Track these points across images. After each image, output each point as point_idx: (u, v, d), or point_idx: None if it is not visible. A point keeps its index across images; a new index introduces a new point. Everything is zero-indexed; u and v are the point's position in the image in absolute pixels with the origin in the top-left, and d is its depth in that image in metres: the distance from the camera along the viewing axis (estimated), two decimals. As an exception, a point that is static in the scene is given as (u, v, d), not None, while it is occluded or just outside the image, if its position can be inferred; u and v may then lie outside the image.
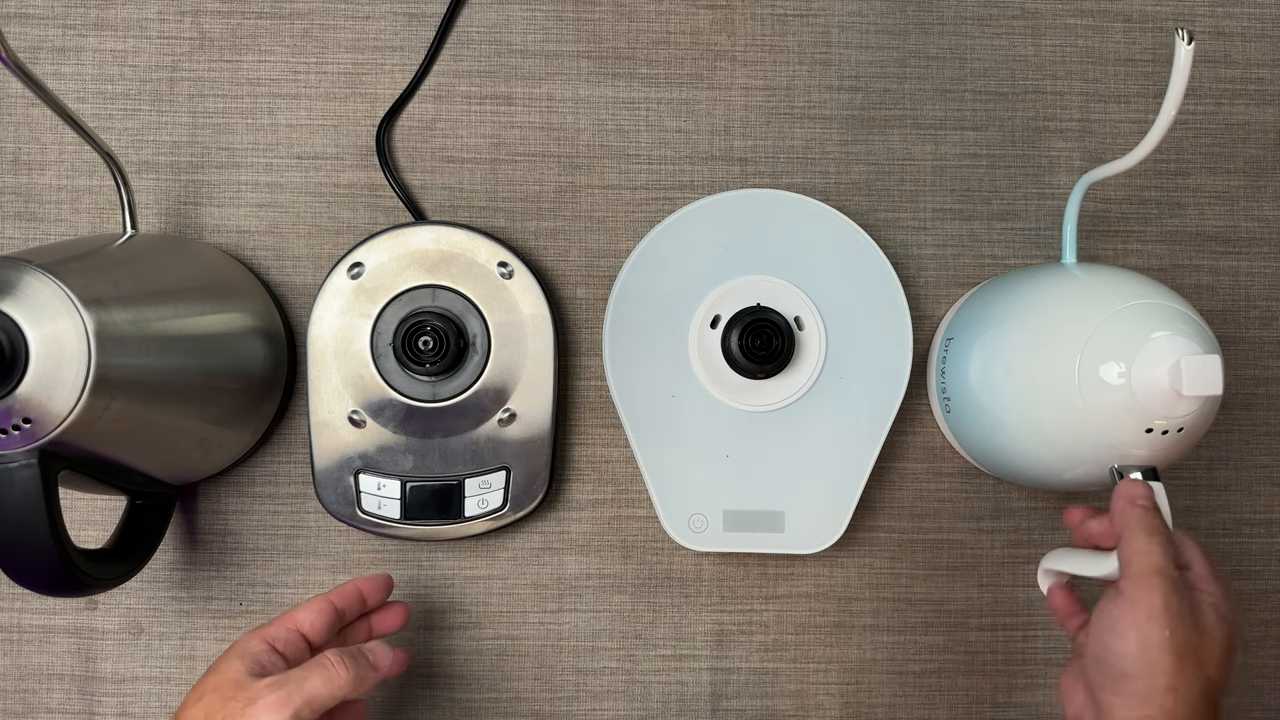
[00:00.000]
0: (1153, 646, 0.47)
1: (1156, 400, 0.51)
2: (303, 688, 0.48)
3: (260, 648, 0.52)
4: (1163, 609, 0.47)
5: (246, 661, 0.50)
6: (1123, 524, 0.51)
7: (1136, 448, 0.53)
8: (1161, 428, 0.52)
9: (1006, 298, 0.61)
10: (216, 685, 0.49)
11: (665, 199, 0.68)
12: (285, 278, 0.68)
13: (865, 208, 0.68)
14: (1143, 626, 0.48)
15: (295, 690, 0.48)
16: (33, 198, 0.67)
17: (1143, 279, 0.57)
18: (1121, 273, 0.58)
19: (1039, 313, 0.58)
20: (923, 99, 0.69)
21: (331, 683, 0.49)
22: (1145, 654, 0.48)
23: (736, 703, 0.67)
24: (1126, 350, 0.52)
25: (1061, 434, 0.56)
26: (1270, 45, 0.70)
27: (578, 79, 0.68)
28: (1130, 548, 0.50)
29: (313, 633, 0.54)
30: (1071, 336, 0.54)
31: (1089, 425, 0.54)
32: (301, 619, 0.54)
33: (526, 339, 0.64)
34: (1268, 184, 0.70)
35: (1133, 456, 0.54)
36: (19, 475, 0.49)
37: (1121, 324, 0.53)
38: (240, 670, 0.50)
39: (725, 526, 0.63)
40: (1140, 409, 0.52)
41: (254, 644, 0.52)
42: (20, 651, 0.66)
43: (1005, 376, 0.59)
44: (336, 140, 0.68)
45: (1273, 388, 0.69)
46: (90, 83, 0.67)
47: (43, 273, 0.49)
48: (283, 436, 0.67)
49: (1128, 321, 0.53)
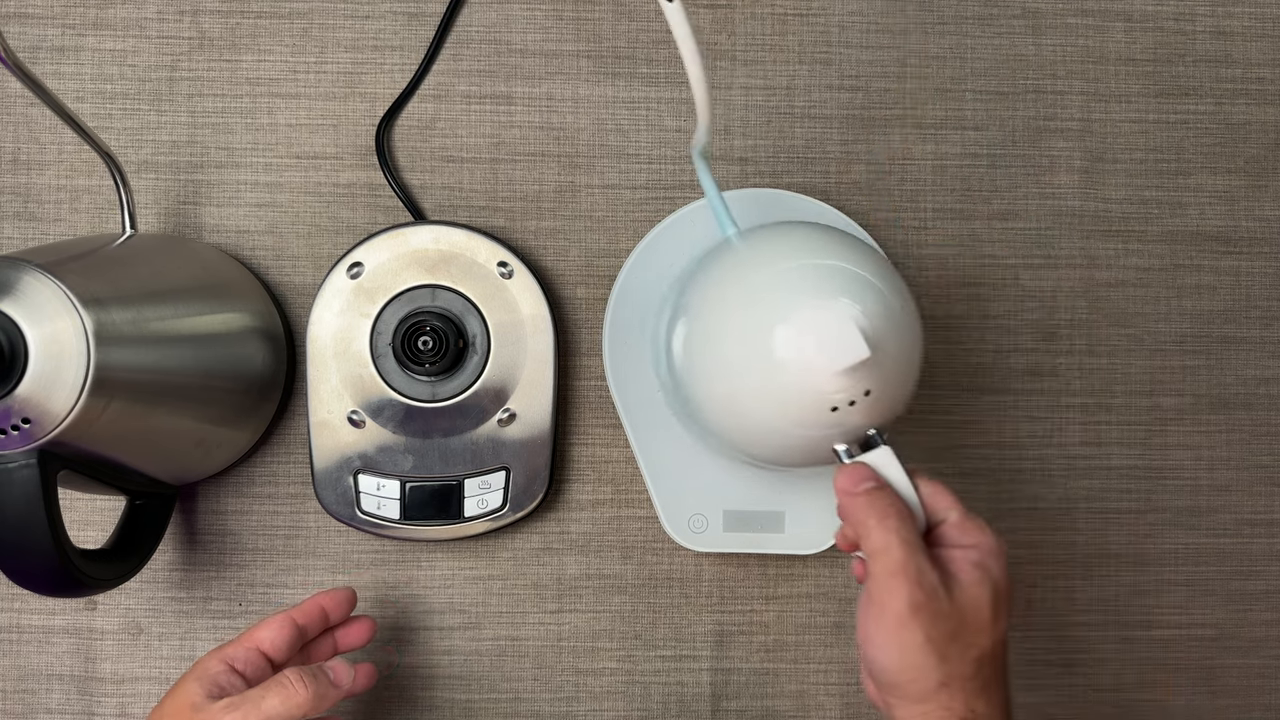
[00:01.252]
0: (912, 652, 0.45)
1: (819, 378, 0.47)
2: (260, 708, 0.48)
3: (218, 669, 0.51)
4: (911, 614, 0.45)
5: (205, 684, 0.50)
6: (853, 519, 0.47)
7: (831, 427, 0.49)
8: (846, 399, 0.48)
9: (691, 286, 0.57)
10: (173, 710, 0.49)
11: (665, 199, 0.68)
12: (285, 277, 0.67)
13: (865, 207, 0.68)
14: (897, 635, 0.45)
15: (252, 711, 0.48)
16: (32, 197, 0.67)
17: (801, 233, 0.53)
18: (779, 233, 0.54)
19: (705, 298, 0.54)
20: (923, 98, 0.69)
21: (289, 701, 0.48)
22: (906, 662, 0.45)
23: (737, 703, 0.67)
24: (766, 332, 0.49)
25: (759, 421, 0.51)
26: (1271, 45, 0.70)
27: (578, 79, 0.68)
28: (867, 545, 0.46)
29: (274, 651, 0.53)
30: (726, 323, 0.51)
31: (776, 414, 0.50)
32: (261, 637, 0.53)
33: (526, 339, 0.64)
34: (1269, 184, 0.70)
35: (848, 427, 0.49)
36: (18, 475, 0.49)
37: (761, 304, 0.49)
38: (198, 693, 0.49)
39: (725, 527, 0.63)
40: (810, 388, 0.48)
41: (212, 665, 0.51)
42: (20, 652, 0.66)
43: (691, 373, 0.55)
44: (336, 140, 0.68)
45: (1273, 388, 0.69)
46: (89, 82, 0.67)
47: (42, 272, 0.49)
48: (282, 437, 0.67)
49: (770, 298, 0.49)
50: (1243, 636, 0.69)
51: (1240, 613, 0.69)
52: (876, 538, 0.46)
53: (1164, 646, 0.69)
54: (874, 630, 0.46)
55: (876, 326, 0.48)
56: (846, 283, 0.49)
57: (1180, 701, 0.69)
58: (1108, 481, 0.69)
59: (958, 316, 0.69)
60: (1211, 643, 0.69)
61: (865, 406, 0.49)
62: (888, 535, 0.46)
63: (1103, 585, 0.69)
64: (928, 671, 0.45)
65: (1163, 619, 0.69)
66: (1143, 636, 0.69)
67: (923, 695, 0.46)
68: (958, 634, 0.46)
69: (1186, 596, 0.69)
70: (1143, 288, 0.69)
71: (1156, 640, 0.69)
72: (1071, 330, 0.69)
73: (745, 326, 0.50)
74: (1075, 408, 0.69)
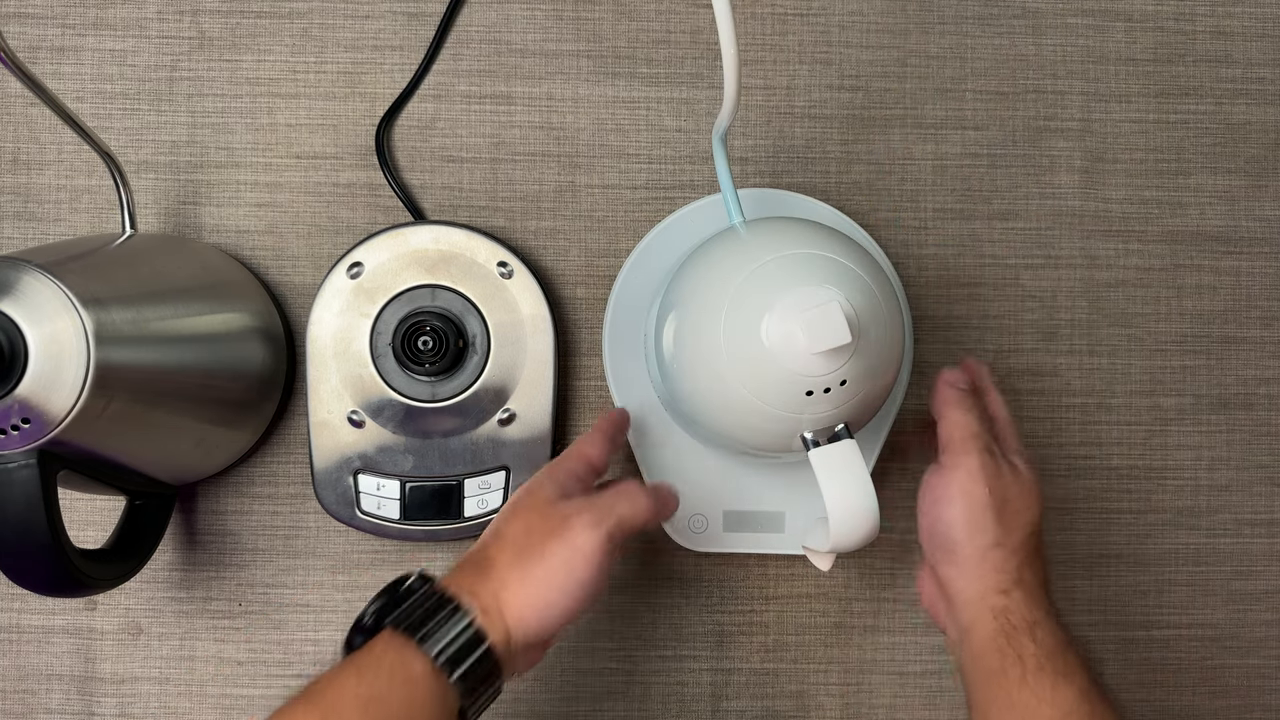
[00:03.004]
0: (977, 506, 0.52)
1: (800, 359, 0.49)
2: (614, 510, 0.51)
3: (566, 476, 0.54)
4: (979, 468, 0.52)
5: (557, 485, 0.53)
6: (942, 403, 0.55)
7: (802, 411, 0.51)
8: (822, 385, 0.50)
9: (684, 272, 0.57)
10: (531, 504, 0.52)
11: (665, 199, 0.68)
12: (284, 277, 0.67)
13: (866, 207, 0.68)
14: (965, 487, 0.52)
15: (607, 513, 0.51)
16: (32, 197, 0.67)
17: (798, 228, 0.54)
18: (778, 226, 0.55)
19: (697, 287, 0.55)
20: (923, 98, 0.69)
21: (636, 508, 0.52)
22: (970, 515, 0.52)
23: (737, 703, 0.67)
24: (756, 314, 0.50)
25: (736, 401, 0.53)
26: (1271, 44, 0.70)
27: (577, 78, 0.68)
28: (948, 422, 0.54)
29: (600, 463, 0.56)
30: (717, 306, 0.52)
31: (754, 394, 0.51)
32: (588, 452, 0.56)
33: (526, 339, 0.64)
34: (1269, 184, 0.70)
35: (820, 416, 0.51)
36: (18, 475, 0.49)
37: (754, 286, 0.51)
38: (552, 492, 0.52)
39: (725, 527, 0.63)
40: (789, 369, 0.49)
41: (560, 472, 0.54)
42: (19, 652, 0.66)
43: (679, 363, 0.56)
44: (336, 140, 0.68)
45: (1273, 388, 0.69)
46: (89, 82, 0.67)
47: (42, 272, 0.49)
48: (282, 437, 0.67)
49: (763, 282, 0.51)
50: (1243, 637, 0.69)
51: (1240, 613, 0.69)
52: (959, 415, 0.54)
53: (1164, 646, 0.69)
54: (945, 486, 0.53)
55: (861, 318, 0.50)
56: (837, 274, 0.51)
57: (1180, 702, 0.69)
58: (1108, 481, 0.69)
59: (958, 316, 0.69)
60: (1211, 643, 0.69)
61: (838, 396, 0.50)
62: (967, 414, 0.54)
63: (1103, 585, 0.69)
64: (986, 528, 0.52)
65: (1163, 619, 0.69)
66: (1143, 637, 0.69)
67: (981, 553, 0.52)
68: (1010, 502, 0.53)
69: (1187, 597, 0.69)
70: (1143, 288, 0.69)
71: (1157, 640, 0.69)
72: (1072, 330, 0.69)
73: (736, 306, 0.51)
74: (1075, 408, 0.69)
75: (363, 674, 0.45)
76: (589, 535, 0.49)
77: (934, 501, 0.54)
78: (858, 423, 0.53)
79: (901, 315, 0.56)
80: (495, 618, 0.48)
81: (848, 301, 0.49)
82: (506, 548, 0.50)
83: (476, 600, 0.48)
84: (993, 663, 0.51)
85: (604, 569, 0.50)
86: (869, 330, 0.50)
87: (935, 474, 0.54)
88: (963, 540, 0.52)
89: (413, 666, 0.46)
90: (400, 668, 0.46)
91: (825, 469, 0.51)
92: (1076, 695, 0.49)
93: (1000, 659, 0.50)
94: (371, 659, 0.46)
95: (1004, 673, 0.50)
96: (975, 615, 0.52)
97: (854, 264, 0.52)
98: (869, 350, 0.50)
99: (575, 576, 0.49)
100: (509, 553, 0.50)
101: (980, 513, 0.52)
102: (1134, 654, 0.69)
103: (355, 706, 0.44)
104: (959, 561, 0.53)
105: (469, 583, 0.49)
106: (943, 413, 0.55)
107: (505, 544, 0.51)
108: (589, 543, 0.49)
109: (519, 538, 0.50)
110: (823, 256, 0.52)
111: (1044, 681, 0.49)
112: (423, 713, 0.45)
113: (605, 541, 0.50)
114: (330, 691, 0.45)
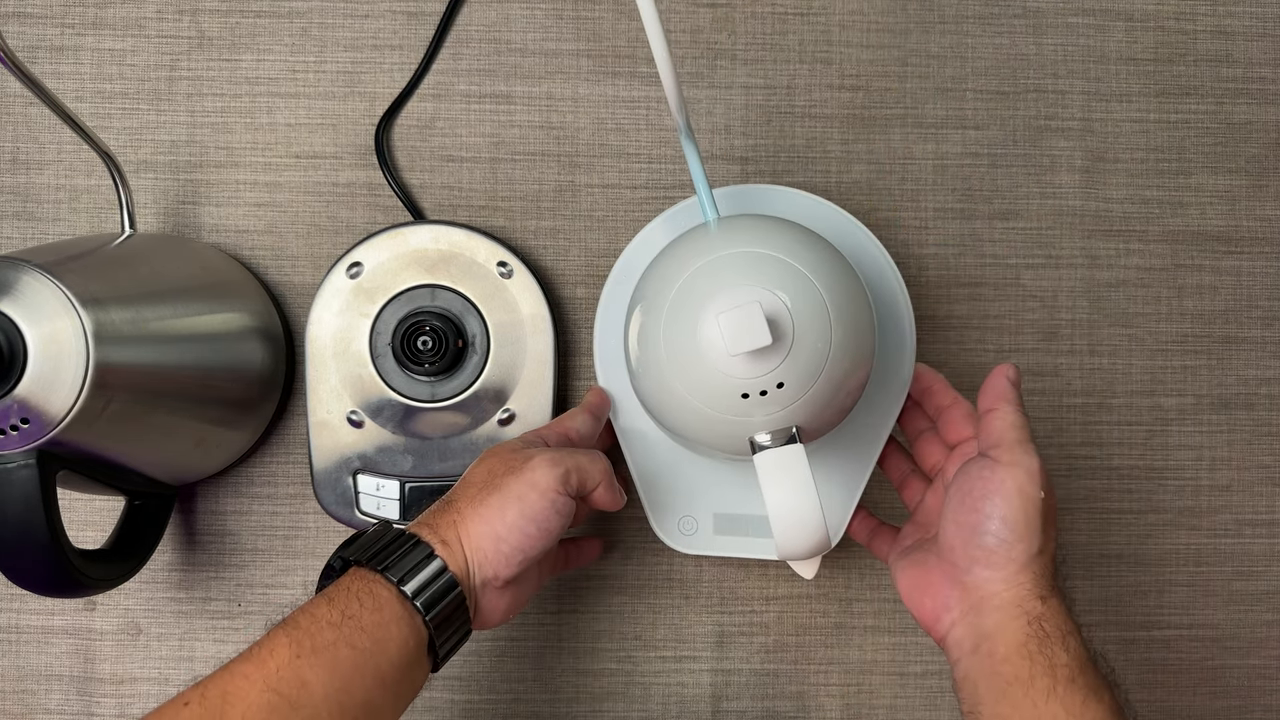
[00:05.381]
0: (1033, 510, 0.49)
1: (724, 361, 0.49)
2: (573, 456, 0.53)
3: (536, 437, 0.57)
4: (1040, 470, 0.50)
5: (525, 442, 0.56)
6: (998, 397, 0.52)
7: (743, 415, 0.50)
8: (757, 389, 0.49)
9: (645, 273, 0.57)
10: (496, 451, 0.55)
11: (665, 198, 0.68)
12: (284, 277, 0.67)
13: (866, 207, 0.68)
14: (1025, 488, 0.49)
15: (566, 456, 0.53)
16: (31, 197, 0.67)
17: (769, 228, 0.53)
18: (749, 224, 0.54)
19: (655, 281, 0.55)
20: (924, 98, 0.69)
21: (595, 463, 0.54)
22: (1027, 518, 0.49)
23: (737, 704, 0.67)
24: (692, 314, 0.50)
25: (683, 403, 0.52)
26: (1272, 44, 0.70)
27: (577, 78, 0.68)
28: (1004, 419, 0.51)
29: (577, 438, 0.58)
30: (659, 304, 0.52)
31: (696, 395, 0.51)
32: (568, 425, 0.58)
33: (526, 339, 0.64)
34: (1270, 184, 0.70)
35: (763, 419, 0.50)
36: (17, 475, 0.49)
37: (694, 287, 0.50)
38: (518, 444, 0.55)
39: (716, 529, 0.63)
40: (720, 371, 0.49)
41: (533, 435, 0.57)
42: (19, 652, 0.66)
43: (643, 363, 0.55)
44: (335, 139, 0.68)
45: (1274, 388, 0.69)
46: (88, 82, 0.67)
47: (41, 272, 0.49)
48: (281, 437, 0.67)
49: (702, 281, 0.50)
50: (1243, 637, 0.69)
51: (1241, 613, 0.69)
52: (1017, 414, 0.52)
53: (1165, 647, 0.69)
54: (1001, 483, 0.50)
55: (798, 320, 0.49)
56: (778, 274, 0.50)
57: (1181, 702, 0.68)
58: (1109, 481, 0.69)
59: (958, 316, 0.69)
60: (1212, 643, 0.69)
61: (779, 399, 0.50)
62: (1023, 417, 0.52)
63: (1103, 585, 0.69)
64: (1034, 534, 0.49)
65: (1164, 619, 0.69)
66: (1143, 637, 0.69)
67: (1027, 557, 0.49)
68: (1052, 513, 0.51)
69: (1187, 597, 0.69)
70: (1144, 287, 0.69)
71: (1157, 640, 0.69)
72: (1072, 330, 0.69)
73: (677, 306, 0.52)
74: (1076, 408, 0.69)
75: (333, 601, 0.48)
76: (545, 471, 0.52)
77: (983, 496, 0.50)
78: (819, 427, 0.52)
79: (871, 317, 0.54)
80: (455, 548, 0.50)
81: (780, 303, 0.48)
82: (469, 488, 0.53)
83: (435, 533, 0.51)
84: (1019, 670, 0.48)
85: (558, 508, 0.52)
86: (806, 334, 0.49)
87: (986, 468, 0.50)
88: (1011, 541, 0.49)
89: (379, 592, 0.48)
90: (369, 596, 0.48)
91: (766, 474, 0.51)
92: (1106, 714, 0.48)
93: (1030, 666, 0.48)
94: (340, 589, 0.49)
95: (1031, 681, 0.47)
96: (1004, 620, 0.49)
97: (805, 265, 0.51)
98: (808, 353, 0.49)
99: (529, 509, 0.51)
100: (470, 491, 0.53)
101: (1035, 516, 0.49)
102: (1134, 654, 0.68)
103: (329, 624, 0.47)
104: (1000, 563, 0.49)
105: (430, 520, 0.52)
106: (997, 407, 0.52)
107: (468, 485, 0.53)
108: (544, 478, 0.51)
109: (481, 478, 0.53)
110: (767, 256, 0.51)
111: (1075, 696, 0.47)
112: (392, 630, 0.48)
113: (561, 481, 0.52)
114: (304, 617, 0.47)
